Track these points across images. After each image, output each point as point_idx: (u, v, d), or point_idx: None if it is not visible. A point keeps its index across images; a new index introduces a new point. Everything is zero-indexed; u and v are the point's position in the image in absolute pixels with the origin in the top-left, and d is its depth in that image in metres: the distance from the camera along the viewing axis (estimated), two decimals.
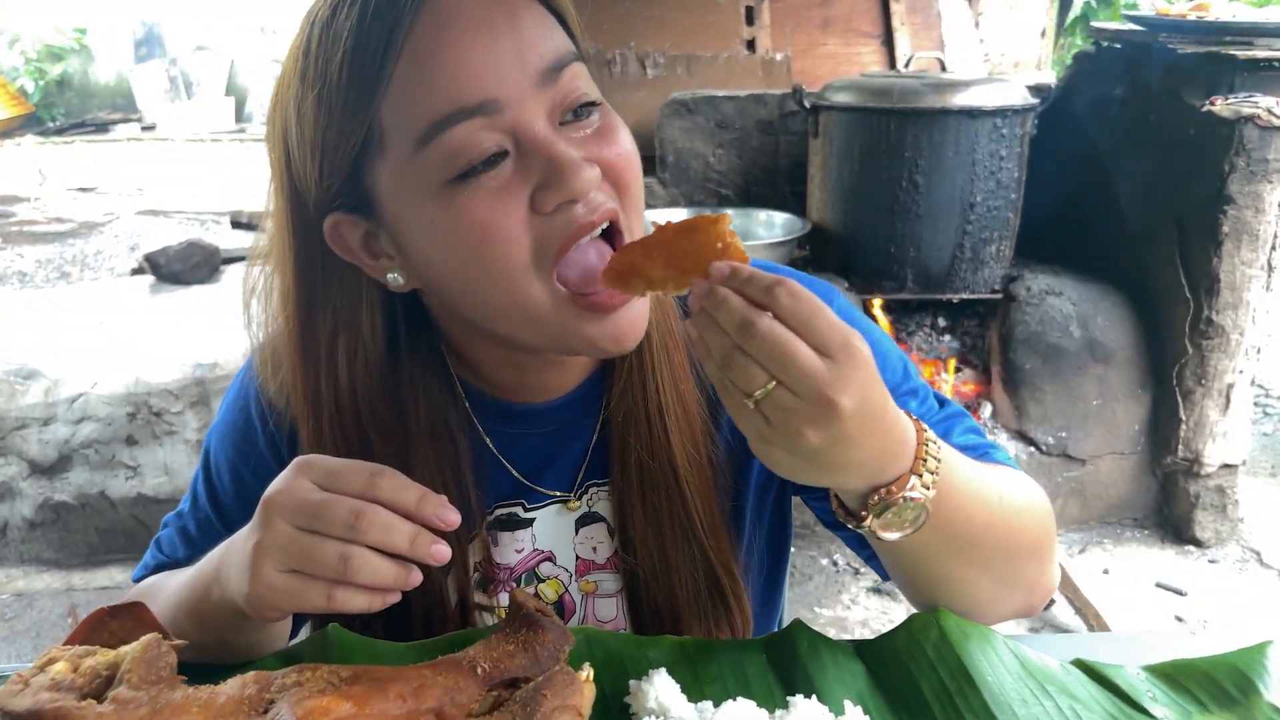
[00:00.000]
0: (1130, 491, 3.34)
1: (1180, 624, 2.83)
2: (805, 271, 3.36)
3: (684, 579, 0.99)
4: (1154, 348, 3.26)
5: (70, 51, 10.25)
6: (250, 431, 1.03)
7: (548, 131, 0.79)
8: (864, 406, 0.71)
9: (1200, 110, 2.96)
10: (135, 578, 1.10)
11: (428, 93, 0.77)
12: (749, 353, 0.69)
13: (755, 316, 0.69)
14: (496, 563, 1.02)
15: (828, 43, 4.37)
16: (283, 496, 0.77)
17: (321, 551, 0.75)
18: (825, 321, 0.70)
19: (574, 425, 1.01)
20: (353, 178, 0.82)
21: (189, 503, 1.09)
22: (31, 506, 3.13)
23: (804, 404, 0.70)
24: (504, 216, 0.78)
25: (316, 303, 0.89)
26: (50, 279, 5.91)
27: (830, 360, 0.69)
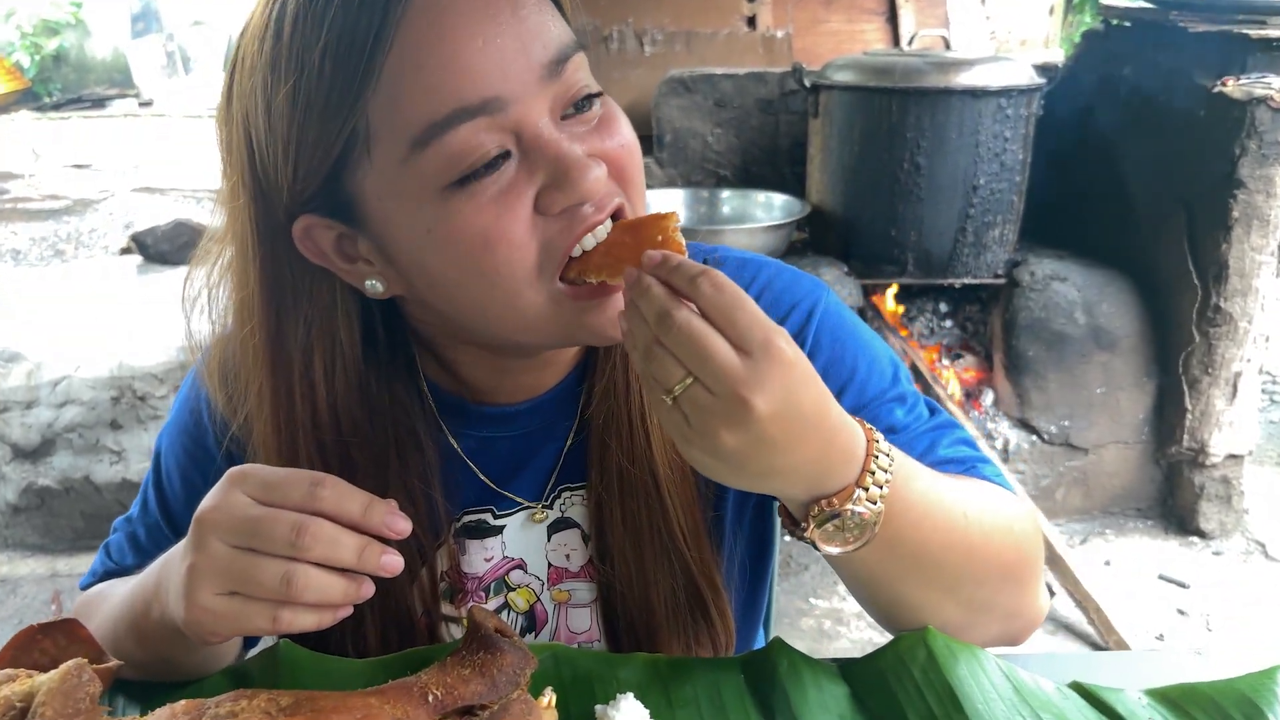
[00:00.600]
0: (1134, 481, 3.29)
1: (1183, 617, 2.79)
2: (806, 254, 3.31)
3: (662, 592, 0.93)
4: (1160, 335, 3.20)
5: (66, 26, 10.14)
6: (201, 434, 0.97)
7: (552, 129, 0.74)
8: (786, 409, 0.66)
9: (1211, 91, 2.89)
10: (83, 584, 1.05)
11: (425, 90, 0.70)
12: (667, 345, 0.67)
13: (673, 307, 0.67)
14: (464, 572, 0.97)
15: (830, 20, 4.29)
16: (216, 514, 0.72)
17: (262, 572, 0.70)
18: (746, 316, 0.67)
19: (548, 427, 0.96)
20: (332, 180, 0.75)
21: (139, 507, 1.04)
22: (15, 491, 3.09)
23: (719, 403, 0.66)
24: (509, 222, 0.73)
25: (287, 313, 0.81)
26: (44, 257, 5.85)
27: (748, 358, 0.66)
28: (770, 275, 0.98)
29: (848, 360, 0.94)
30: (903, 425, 0.92)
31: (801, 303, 0.95)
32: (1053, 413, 3.22)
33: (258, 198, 0.77)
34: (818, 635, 2.72)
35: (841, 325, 0.96)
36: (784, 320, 0.94)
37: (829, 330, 0.95)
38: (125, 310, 3.47)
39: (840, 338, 0.95)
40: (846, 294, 3.14)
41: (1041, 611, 0.90)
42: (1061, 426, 3.22)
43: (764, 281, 0.97)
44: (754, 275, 0.97)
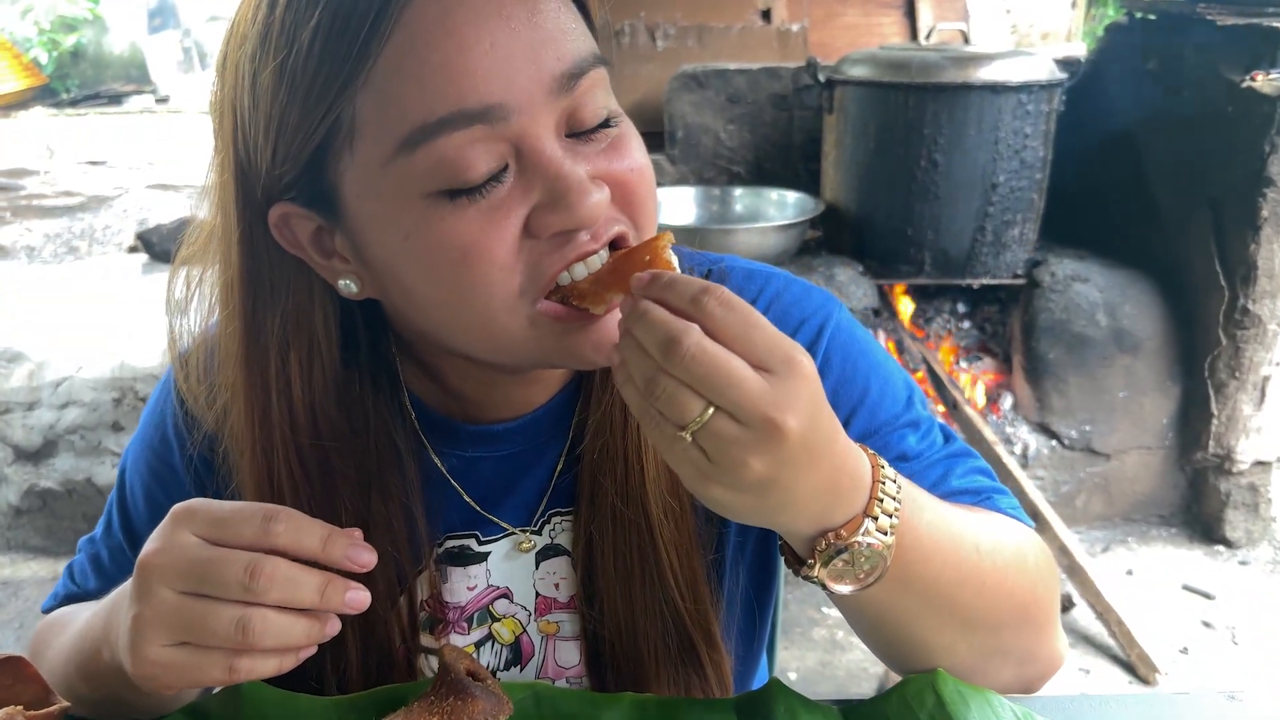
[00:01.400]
0: (1157, 488, 3.21)
1: (1208, 629, 2.70)
2: (820, 253, 3.24)
3: (652, 641, 0.87)
4: (1185, 338, 3.11)
5: (83, 22, 10.17)
6: (166, 452, 0.92)
7: (556, 147, 0.68)
8: (812, 428, 0.61)
9: (1239, 86, 2.80)
10: (44, 608, 1.00)
11: (421, 88, 0.64)
12: (677, 376, 0.59)
13: (680, 332, 0.59)
14: (446, 601, 0.91)
15: (847, 13, 4.21)
16: (161, 558, 0.66)
17: (214, 619, 0.64)
18: (763, 333, 0.61)
19: (538, 448, 0.89)
20: (311, 168, 0.70)
21: (102, 527, 0.99)
22: (17, 493, 3.06)
23: (748, 431, 0.59)
24: (495, 241, 0.67)
25: (264, 303, 0.77)
26: (58, 253, 5.85)
27: (772, 376, 0.60)
28: (779, 287, 0.91)
29: (859, 381, 0.88)
30: (915, 453, 0.86)
31: (812, 318, 0.89)
32: (1073, 417, 3.14)
33: (239, 177, 0.73)
34: (829, 646, 2.65)
35: (854, 343, 0.90)
36: (793, 336, 0.87)
37: (840, 348, 0.89)
38: (128, 310, 3.44)
39: (852, 356, 0.89)
40: (861, 294, 3.07)
41: (1060, 656, 0.85)
42: (1082, 431, 3.14)
43: (772, 294, 0.91)
44: (761, 287, 0.91)
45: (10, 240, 6.00)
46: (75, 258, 5.58)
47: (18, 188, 6.78)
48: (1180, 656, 2.60)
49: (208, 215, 0.80)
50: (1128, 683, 2.52)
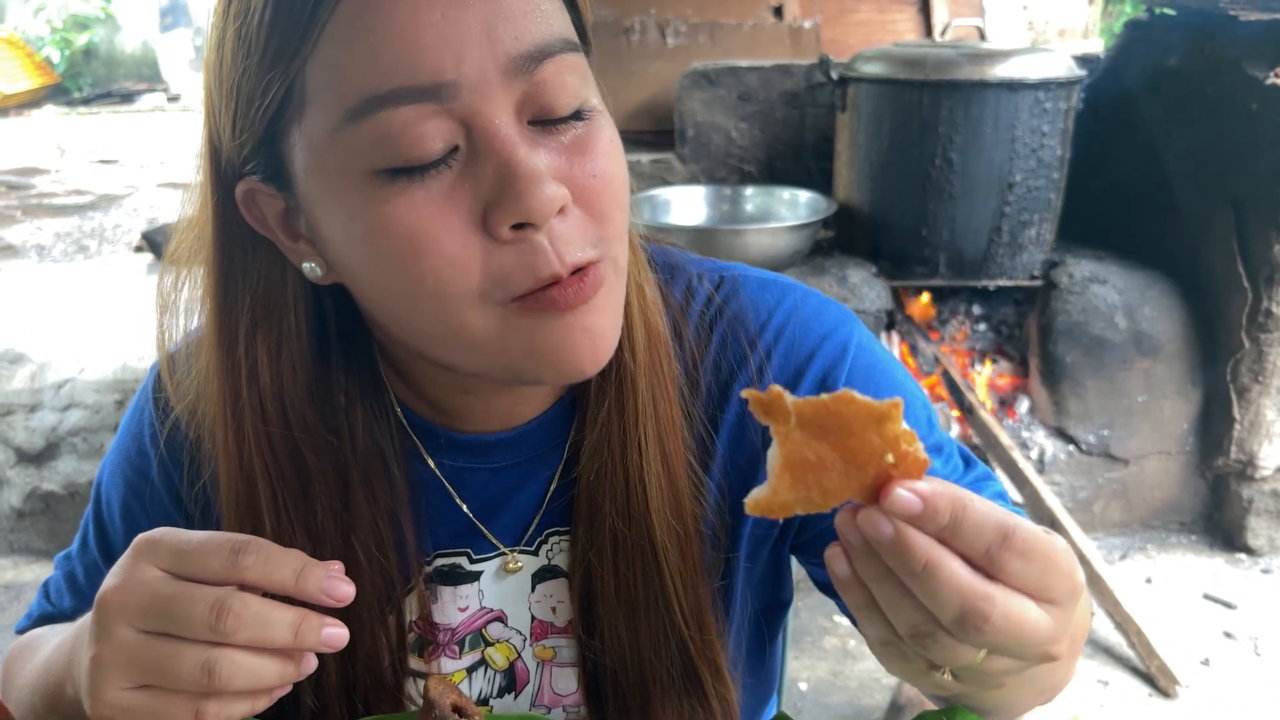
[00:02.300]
0: (1177, 494, 3.14)
1: (1229, 640, 2.64)
2: (833, 254, 3.20)
3: (658, 673, 0.82)
4: (1206, 341, 3.04)
5: (96, 20, 10.19)
6: (144, 464, 0.88)
7: (510, 130, 0.63)
8: (1072, 639, 0.58)
9: (1264, 83, 2.74)
10: (18, 629, 0.97)
11: (367, 58, 0.61)
12: (962, 640, 0.52)
13: (987, 603, 0.50)
14: (436, 622, 0.86)
15: (860, 9, 4.15)
16: (121, 594, 0.62)
17: (179, 661, 0.60)
18: (1057, 572, 0.52)
19: (530, 463, 0.84)
20: (268, 140, 0.67)
21: (78, 544, 0.95)
22: (19, 495, 3.04)
23: (1019, 663, 0.54)
24: (442, 231, 0.63)
25: (235, 283, 0.74)
26: (68, 252, 5.84)
27: (1057, 608, 0.53)
28: (796, 301, 0.86)
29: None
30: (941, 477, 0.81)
31: (833, 335, 0.84)
32: (1091, 421, 3.08)
33: (211, 153, 0.71)
34: (841, 655, 2.60)
35: (876, 364, 0.85)
36: (813, 355, 0.83)
37: (864, 369, 0.84)
38: (131, 311, 3.42)
39: (875, 378, 0.84)
40: (875, 296, 3.01)
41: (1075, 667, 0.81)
42: (1101, 436, 3.08)
43: (789, 309, 0.85)
44: (778, 300, 0.86)
45: (20, 239, 5.99)
46: (85, 257, 5.57)
47: (28, 186, 6.79)
48: (1201, 668, 2.54)
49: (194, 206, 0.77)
50: (1148, 695, 2.46)
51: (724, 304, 0.85)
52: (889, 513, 0.50)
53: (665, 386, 0.81)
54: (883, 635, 0.54)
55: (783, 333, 0.84)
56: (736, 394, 0.83)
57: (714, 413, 0.84)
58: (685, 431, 0.82)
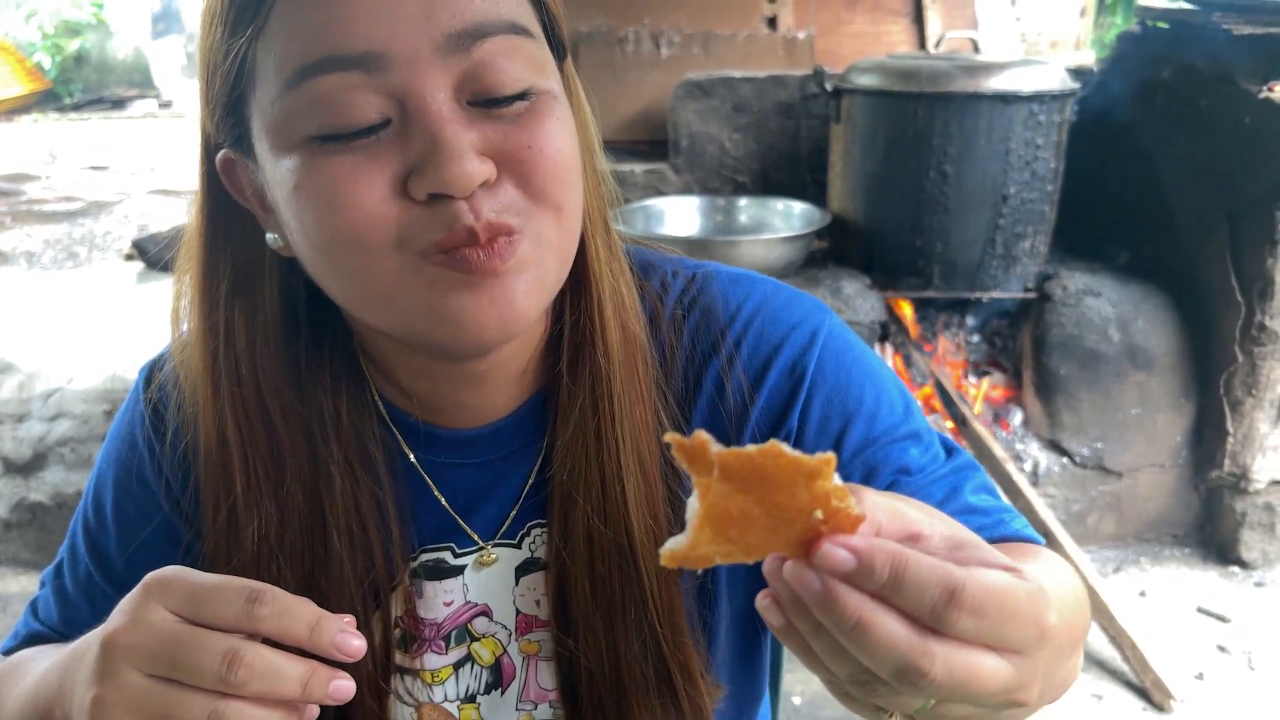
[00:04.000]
0: (1170, 507, 3.14)
1: (1223, 654, 2.64)
2: (826, 265, 3.18)
3: (633, 669, 0.82)
4: (1200, 354, 3.05)
5: (88, 26, 10.17)
6: (137, 463, 0.88)
7: (442, 106, 0.65)
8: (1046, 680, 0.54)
9: (1257, 96, 2.75)
10: (4, 649, 0.95)
11: (303, 30, 0.64)
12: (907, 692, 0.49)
13: (925, 660, 0.47)
14: (421, 617, 0.86)
15: (854, 21, 4.16)
16: (129, 635, 0.61)
17: (185, 710, 0.59)
18: (1017, 624, 0.49)
19: (506, 459, 0.85)
20: (233, 109, 0.70)
21: (66, 555, 0.93)
22: (6, 506, 3.01)
23: (982, 712, 0.53)
24: (361, 188, 0.65)
25: (218, 249, 0.78)
26: (58, 260, 5.81)
27: (1020, 657, 0.50)
28: (765, 294, 0.87)
29: (854, 390, 0.83)
30: (919, 467, 0.82)
31: (802, 325, 0.85)
32: (1085, 434, 3.07)
33: (201, 127, 0.76)
34: None
35: (847, 351, 0.85)
36: (781, 343, 0.83)
37: (833, 357, 0.84)
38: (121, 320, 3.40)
39: (845, 365, 0.84)
40: (868, 307, 3.01)
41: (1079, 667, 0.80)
42: (1094, 449, 3.07)
43: (759, 300, 0.86)
44: (747, 293, 0.86)
45: (10, 246, 5.96)
46: (75, 264, 5.54)
47: (19, 193, 6.75)
48: (1195, 682, 2.53)
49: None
50: (1141, 709, 2.45)
51: (696, 296, 0.86)
52: (819, 568, 0.47)
53: (640, 388, 0.81)
54: (827, 678, 0.53)
55: (752, 323, 0.85)
56: (708, 385, 0.84)
57: (686, 404, 0.85)
58: (660, 427, 0.82)
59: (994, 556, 0.52)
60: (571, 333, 0.80)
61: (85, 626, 0.86)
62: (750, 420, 0.83)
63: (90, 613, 0.88)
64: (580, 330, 0.80)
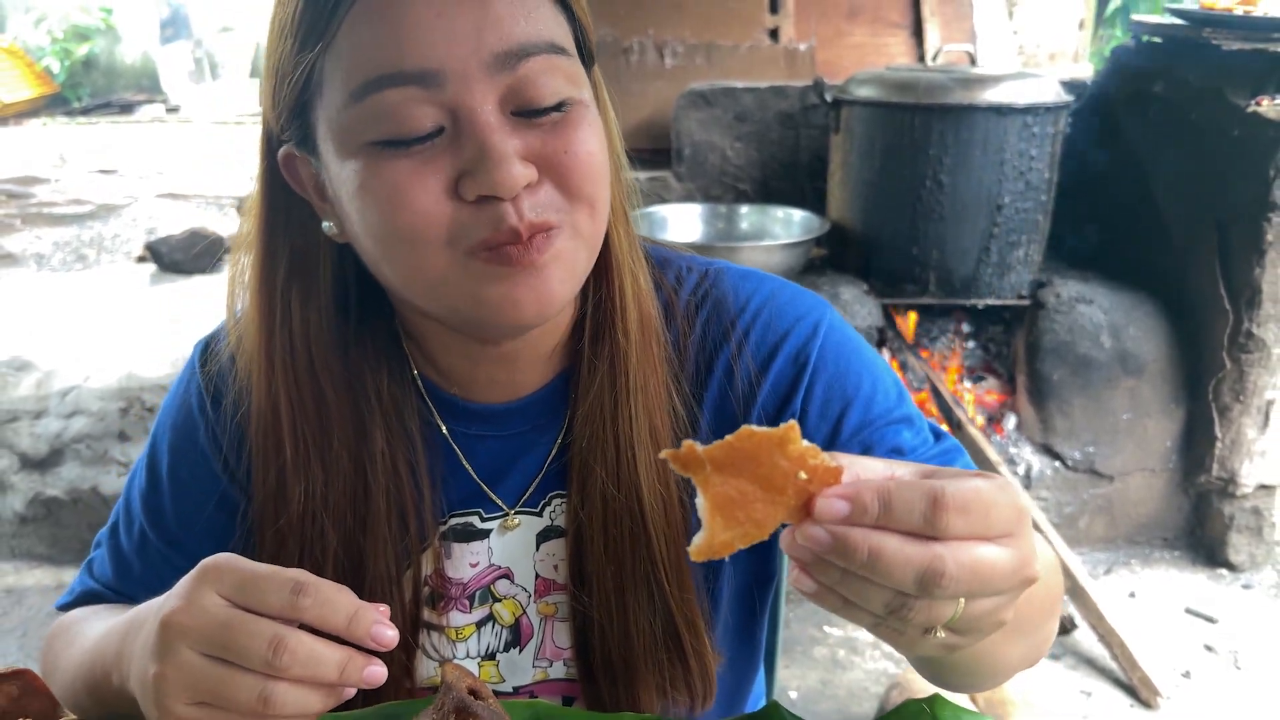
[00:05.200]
0: (1160, 511, 3.20)
1: (1210, 653, 2.70)
2: (825, 272, 3.24)
3: (641, 625, 0.89)
4: (1189, 361, 3.11)
5: (96, 31, 10.24)
6: (192, 429, 0.95)
7: (490, 117, 0.72)
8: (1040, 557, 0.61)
9: (1245, 110, 2.81)
10: (59, 604, 1.01)
11: (369, 47, 0.72)
12: (936, 598, 0.55)
13: (938, 561, 0.53)
14: (449, 577, 0.93)
15: (854, 33, 4.23)
16: (184, 617, 0.66)
17: (235, 688, 0.65)
18: (1000, 509, 0.56)
19: (533, 431, 0.93)
20: (299, 112, 0.78)
21: (121, 516, 1.00)
22: (22, 501, 3.07)
23: (1003, 599, 0.58)
24: (419, 190, 0.73)
25: (277, 233, 0.85)
26: (67, 261, 5.87)
27: (1013, 538, 0.57)
28: (772, 289, 0.95)
29: (852, 377, 0.91)
30: (911, 447, 0.89)
31: (805, 317, 0.93)
32: (1077, 438, 3.14)
33: (264, 123, 0.82)
34: (830, 665, 2.65)
35: (846, 342, 0.94)
36: (786, 334, 0.92)
37: (834, 346, 0.92)
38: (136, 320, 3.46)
39: (845, 355, 0.92)
40: (866, 313, 3.07)
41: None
42: (1086, 453, 3.14)
43: (765, 295, 0.94)
44: (756, 288, 0.95)
45: (20, 248, 6.02)
46: (84, 266, 5.60)
47: (28, 195, 6.80)
48: (1183, 680, 2.60)
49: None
50: (1129, 706, 2.51)
51: (709, 290, 0.94)
52: (821, 521, 0.54)
53: (655, 365, 0.89)
54: (870, 621, 0.59)
55: (760, 314, 0.93)
56: (718, 370, 0.92)
57: (698, 387, 0.92)
58: (673, 404, 0.90)
59: (962, 472, 0.59)
60: (594, 313, 0.88)
61: (138, 582, 0.93)
62: (757, 403, 0.91)
63: (143, 569, 0.95)
64: (602, 311, 0.88)
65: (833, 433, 0.90)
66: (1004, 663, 0.80)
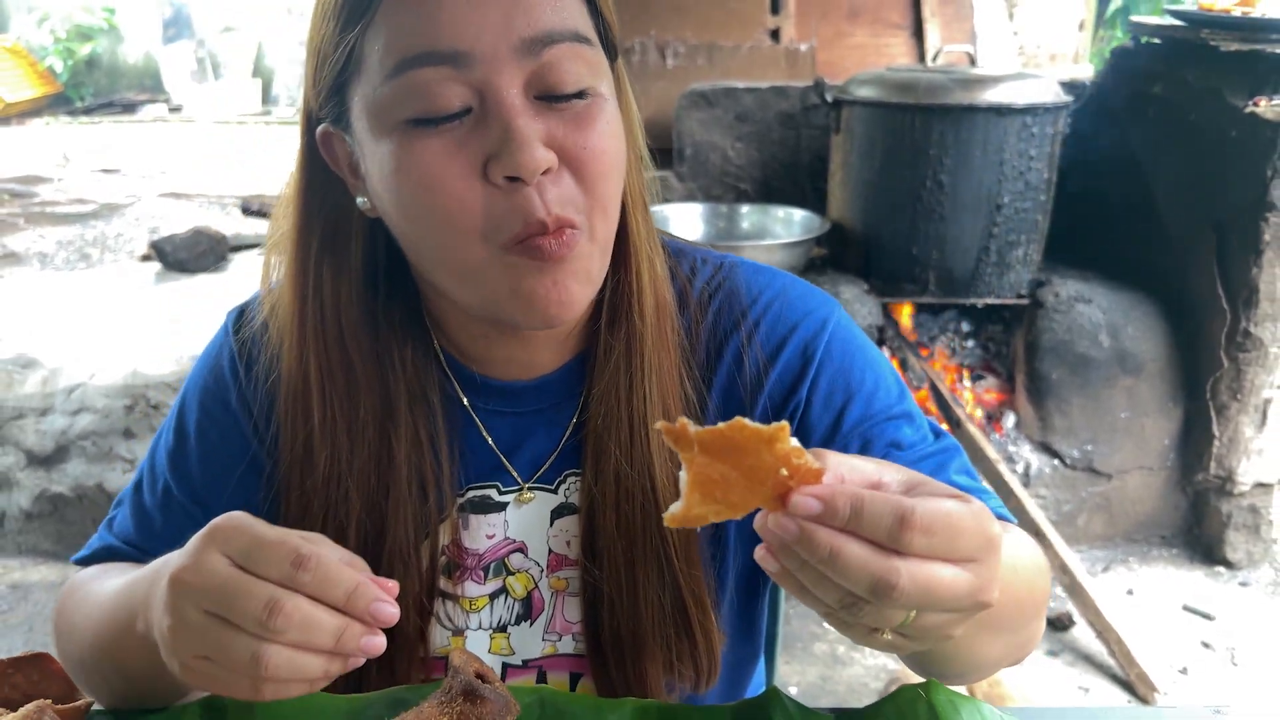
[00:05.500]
0: (1158, 509, 3.22)
1: (1207, 650, 2.72)
2: (825, 271, 3.25)
3: (650, 598, 0.92)
4: (1187, 360, 3.14)
5: (99, 31, 10.26)
6: (222, 391, 0.97)
7: (515, 99, 0.76)
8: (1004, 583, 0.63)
9: (1243, 111, 2.83)
10: (76, 559, 1.02)
11: (405, 29, 0.76)
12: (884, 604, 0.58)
13: (892, 574, 0.56)
14: (465, 547, 0.96)
15: (855, 34, 4.25)
16: (190, 575, 0.68)
17: (232, 647, 0.66)
18: (967, 536, 0.58)
19: (550, 409, 0.96)
20: (337, 91, 0.81)
21: (145, 474, 1.01)
22: (28, 497, 3.09)
23: (955, 616, 0.61)
24: (451, 173, 0.76)
25: (314, 208, 0.88)
26: (70, 261, 5.89)
27: (976, 564, 0.59)
28: (785, 284, 0.98)
29: (856, 372, 0.95)
30: (909, 443, 0.92)
31: (815, 312, 0.96)
32: (1075, 437, 3.16)
33: (304, 101, 0.87)
34: (830, 661, 2.67)
35: (852, 339, 0.97)
36: (795, 327, 0.95)
37: (840, 342, 0.96)
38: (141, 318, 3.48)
39: (850, 350, 0.96)
40: (866, 312, 3.09)
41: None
42: (1084, 451, 3.16)
43: (778, 289, 0.97)
44: (768, 282, 0.98)
45: (23, 247, 6.04)
46: (87, 265, 5.62)
47: (31, 195, 6.83)
48: (1180, 676, 2.62)
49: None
50: (1126, 702, 2.53)
51: (722, 282, 0.98)
52: (794, 515, 0.57)
53: (669, 348, 0.92)
54: (824, 610, 0.62)
55: (771, 306, 0.96)
56: (728, 358, 0.95)
57: (708, 373, 0.96)
58: (684, 387, 0.93)
59: (944, 490, 0.61)
60: (611, 296, 0.91)
61: (160, 537, 0.95)
62: (764, 391, 0.94)
63: (165, 524, 0.97)
64: (619, 294, 0.91)
65: (835, 424, 0.93)
66: (982, 658, 0.82)
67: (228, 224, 5.23)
